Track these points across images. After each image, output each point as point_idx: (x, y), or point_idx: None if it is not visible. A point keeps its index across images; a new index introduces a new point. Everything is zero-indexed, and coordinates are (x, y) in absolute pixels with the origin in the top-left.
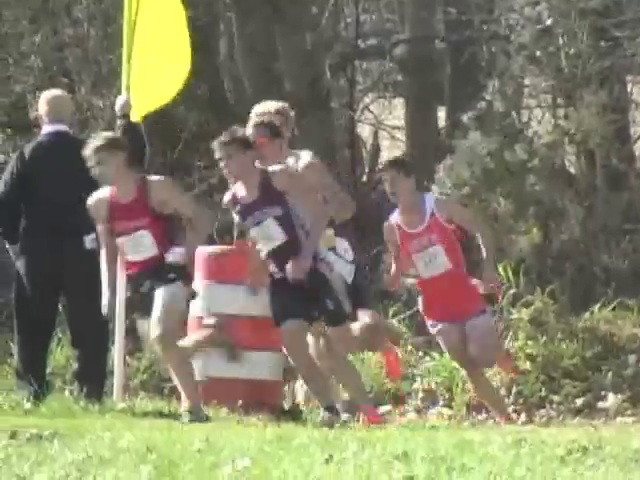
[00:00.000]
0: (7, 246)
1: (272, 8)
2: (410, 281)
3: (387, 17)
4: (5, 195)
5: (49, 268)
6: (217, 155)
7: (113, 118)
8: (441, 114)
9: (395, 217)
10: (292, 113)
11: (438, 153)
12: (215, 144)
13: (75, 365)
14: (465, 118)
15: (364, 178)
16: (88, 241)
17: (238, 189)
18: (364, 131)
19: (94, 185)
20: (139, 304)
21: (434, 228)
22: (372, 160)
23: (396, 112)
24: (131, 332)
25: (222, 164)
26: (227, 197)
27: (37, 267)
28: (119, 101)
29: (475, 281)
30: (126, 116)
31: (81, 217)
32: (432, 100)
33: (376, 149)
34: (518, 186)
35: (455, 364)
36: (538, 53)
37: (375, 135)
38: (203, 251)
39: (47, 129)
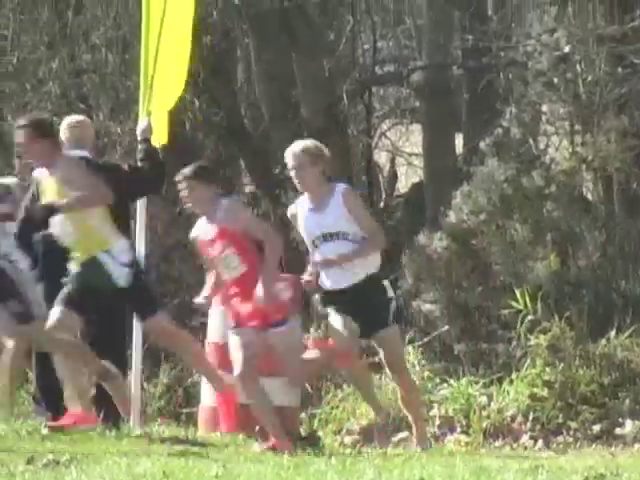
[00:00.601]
0: None
1: (289, 34)
2: (427, 307)
3: (404, 43)
4: (25, 221)
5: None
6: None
7: (131, 144)
8: (458, 140)
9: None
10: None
11: (455, 179)
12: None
13: (93, 390)
14: (482, 145)
15: (381, 204)
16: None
17: None
18: (381, 157)
19: (119, 210)
20: None
21: (223, 235)
22: (389, 186)
23: (413, 138)
24: (149, 358)
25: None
26: None
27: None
28: (140, 125)
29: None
30: (147, 140)
31: None
32: (449, 126)
33: (393, 175)
34: (535, 212)
35: (472, 390)
36: (556, 80)
37: (392, 161)
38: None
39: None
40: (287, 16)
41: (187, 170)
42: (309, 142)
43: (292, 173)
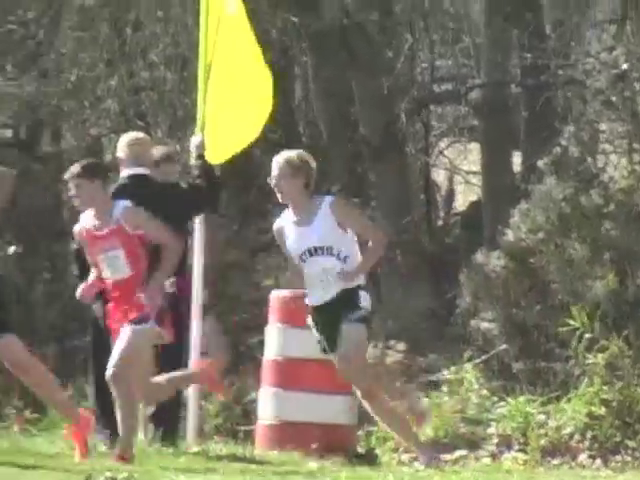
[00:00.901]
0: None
1: (348, 52)
2: (485, 325)
3: (462, 62)
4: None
5: None
6: None
7: (189, 161)
8: (516, 159)
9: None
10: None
11: (513, 198)
12: None
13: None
14: (540, 163)
15: (439, 223)
16: (169, 285)
17: None
18: (439, 176)
19: (177, 228)
20: None
21: (117, 234)
22: (447, 205)
23: (471, 157)
24: None
25: None
26: None
27: None
28: (194, 142)
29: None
30: (201, 157)
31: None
32: (507, 145)
33: (451, 194)
34: (594, 231)
35: (529, 409)
36: (614, 98)
37: (450, 180)
38: (276, 295)
39: (127, 172)
40: (346, 34)
41: (73, 168)
42: (294, 153)
43: (272, 183)
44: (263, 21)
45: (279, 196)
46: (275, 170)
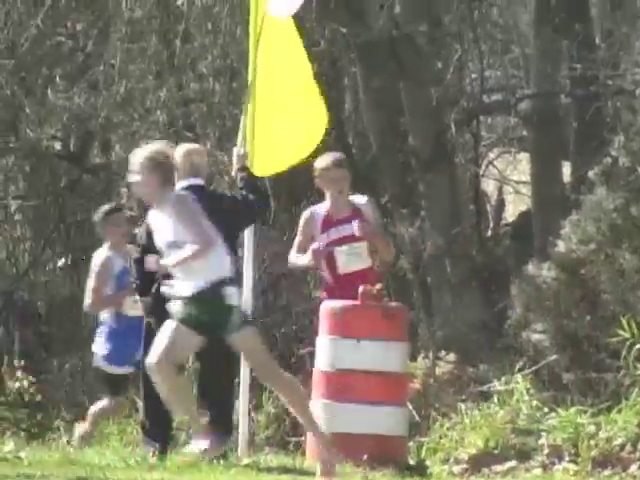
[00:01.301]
0: (138, 299)
1: (397, 63)
2: (536, 337)
3: (512, 72)
4: (145, 250)
5: None
6: None
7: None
8: (566, 169)
9: None
10: None
11: (563, 208)
12: None
13: (205, 419)
14: (591, 173)
15: (489, 233)
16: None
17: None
18: (489, 186)
19: (233, 239)
20: None
21: None
22: (497, 215)
23: (521, 167)
24: (256, 386)
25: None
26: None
27: None
28: (235, 153)
29: None
30: (245, 168)
31: None
32: (557, 155)
33: (501, 204)
34: None
35: (580, 419)
36: None
37: (500, 190)
38: (327, 306)
39: (183, 183)
40: (395, 45)
41: None
42: (155, 146)
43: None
44: (312, 32)
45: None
46: (133, 165)
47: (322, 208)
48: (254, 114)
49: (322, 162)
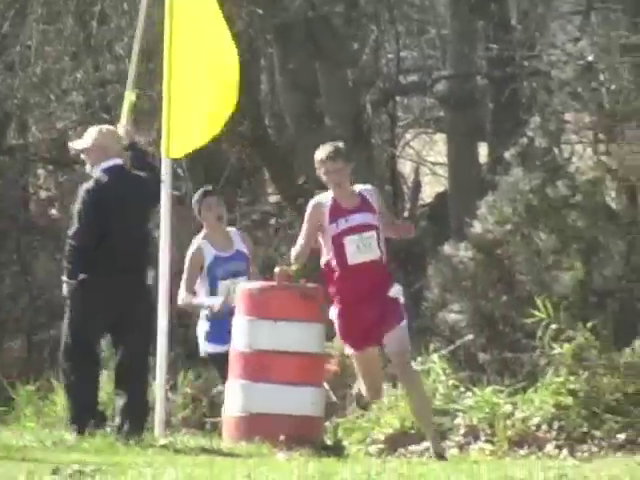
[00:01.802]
0: (63, 279)
1: (313, 44)
2: (453, 317)
3: (428, 53)
4: (84, 235)
5: (114, 304)
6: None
7: (154, 154)
8: (482, 150)
9: None
10: None
11: (480, 189)
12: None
13: (121, 401)
14: (507, 154)
15: (406, 214)
16: (150, 277)
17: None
18: (405, 167)
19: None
20: None
21: None
22: (413, 196)
23: (437, 148)
24: (173, 367)
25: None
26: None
27: (103, 303)
28: (119, 132)
29: None
30: (132, 146)
31: (146, 252)
32: (473, 136)
33: (417, 185)
34: (560, 222)
35: (496, 399)
36: (580, 89)
37: (416, 171)
38: (244, 287)
39: (102, 165)
40: (311, 26)
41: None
42: None
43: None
44: (229, 13)
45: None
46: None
47: (328, 197)
48: (169, 96)
49: (319, 153)
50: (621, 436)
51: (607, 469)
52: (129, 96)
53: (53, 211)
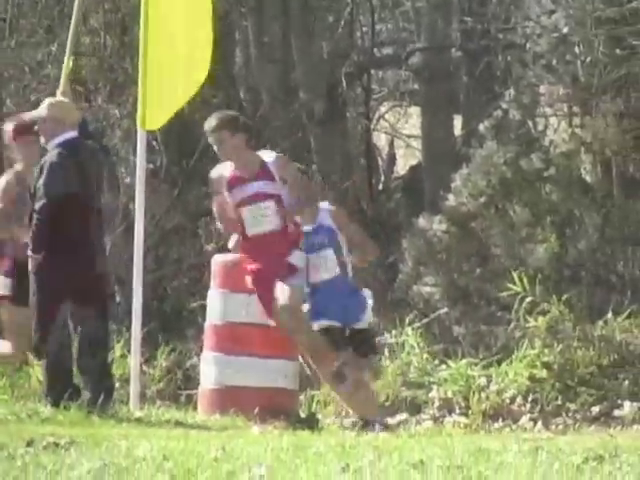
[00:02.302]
0: (29, 254)
1: (288, 17)
2: (427, 290)
3: (403, 26)
4: (52, 209)
5: (74, 277)
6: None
7: (130, 127)
8: (457, 123)
9: None
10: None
11: (454, 162)
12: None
13: (85, 376)
14: (481, 127)
15: (380, 187)
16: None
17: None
18: (380, 140)
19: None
20: None
21: None
22: (388, 169)
23: (412, 121)
24: (148, 340)
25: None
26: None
27: (64, 276)
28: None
29: None
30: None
31: (102, 223)
32: (448, 109)
33: (392, 158)
34: (535, 195)
35: (471, 372)
36: (554, 62)
37: (391, 144)
38: (218, 260)
39: (59, 139)
40: None
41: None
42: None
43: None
44: None
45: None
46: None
47: (228, 167)
48: (145, 68)
49: (205, 125)
50: (595, 409)
51: (581, 441)
52: (67, 63)
53: None
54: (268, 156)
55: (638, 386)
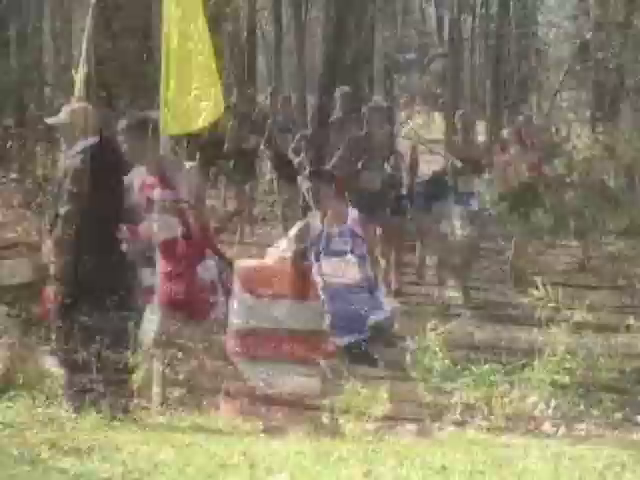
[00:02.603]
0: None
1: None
2: (449, 294)
3: (425, 32)
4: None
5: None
6: None
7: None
8: (480, 128)
9: None
10: None
11: (477, 167)
12: None
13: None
14: (504, 132)
15: (403, 191)
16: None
17: None
18: (403, 145)
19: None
20: None
21: None
22: (411, 174)
23: (434, 126)
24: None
25: None
26: None
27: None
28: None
29: None
30: None
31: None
32: (471, 114)
33: (415, 163)
34: (557, 200)
35: (493, 378)
36: (577, 67)
37: (414, 149)
38: (242, 265)
39: (80, 145)
40: None
41: None
42: None
43: None
44: None
45: None
46: None
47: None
48: (167, 74)
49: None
50: (618, 415)
51: (604, 448)
52: (81, 68)
53: None
54: None
55: None
